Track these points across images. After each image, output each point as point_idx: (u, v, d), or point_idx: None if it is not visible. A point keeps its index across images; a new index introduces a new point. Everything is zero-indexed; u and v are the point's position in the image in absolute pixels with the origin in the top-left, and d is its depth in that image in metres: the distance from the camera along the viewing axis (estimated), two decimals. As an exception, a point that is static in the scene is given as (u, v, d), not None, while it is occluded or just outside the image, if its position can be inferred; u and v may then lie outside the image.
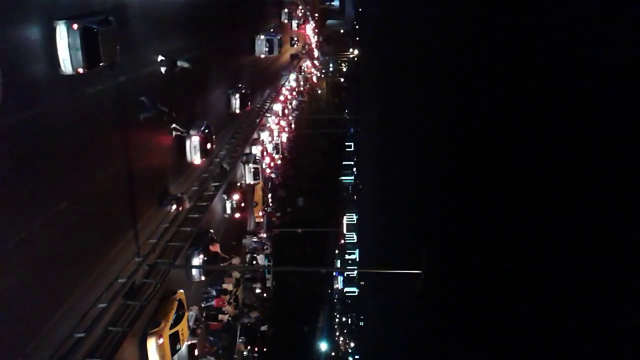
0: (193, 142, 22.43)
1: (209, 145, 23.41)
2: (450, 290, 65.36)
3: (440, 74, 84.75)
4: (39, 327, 13.24)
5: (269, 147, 46.02)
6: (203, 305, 26.24)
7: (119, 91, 16.89)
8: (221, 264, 24.97)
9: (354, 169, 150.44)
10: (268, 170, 46.47)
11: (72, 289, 14.69)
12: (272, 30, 42.30)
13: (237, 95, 31.33)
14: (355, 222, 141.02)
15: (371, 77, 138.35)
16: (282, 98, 53.55)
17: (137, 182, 18.35)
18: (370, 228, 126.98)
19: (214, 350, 27.07)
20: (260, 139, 42.09)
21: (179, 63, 20.75)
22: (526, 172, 55.00)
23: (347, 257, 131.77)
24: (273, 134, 48.14)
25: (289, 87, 60.98)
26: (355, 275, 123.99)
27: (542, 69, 54.62)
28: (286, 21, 56.45)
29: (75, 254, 14.98)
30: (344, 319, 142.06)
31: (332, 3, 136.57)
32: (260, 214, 40.11)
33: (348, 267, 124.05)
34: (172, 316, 19.08)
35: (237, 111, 31.54)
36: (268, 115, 45.04)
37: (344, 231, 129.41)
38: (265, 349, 41.58)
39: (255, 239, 36.77)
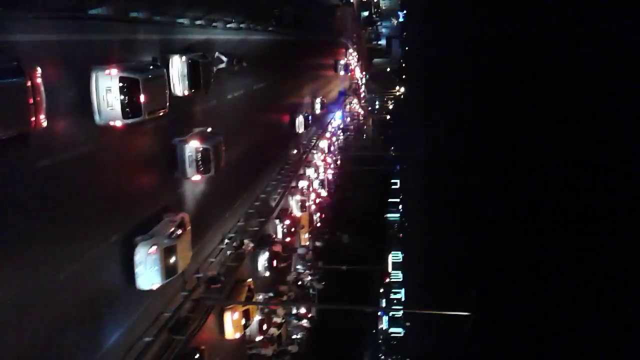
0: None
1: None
2: (501, 334, 62.49)
3: (484, 111, 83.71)
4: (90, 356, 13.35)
5: (315, 183, 46.24)
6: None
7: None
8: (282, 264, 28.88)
9: (400, 207, 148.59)
10: (313, 207, 46.55)
11: (119, 322, 14.76)
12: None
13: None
14: (401, 260, 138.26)
15: (417, 115, 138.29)
16: (328, 135, 54.04)
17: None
18: (416, 266, 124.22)
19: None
20: (306, 175, 42.40)
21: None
22: (583, 209, 52.89)
23: (392, 296, 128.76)
24: (319, 170, 48.43)
25: (335, 125, 61.58)
26: (400, 315, 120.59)
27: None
28: (342, 73, 65.89)
29: (121, 287, 15.21)
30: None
31: (379, 42, 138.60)
32: (307, 236, 40.53)
33: (393, 307, 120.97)
34: (244, 297, 23.11)
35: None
36: (314, 151, 45.49)
37: (390, 269, 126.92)
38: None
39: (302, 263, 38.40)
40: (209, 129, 19.33)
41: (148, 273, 14.91)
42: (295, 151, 37.77)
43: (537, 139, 62.48)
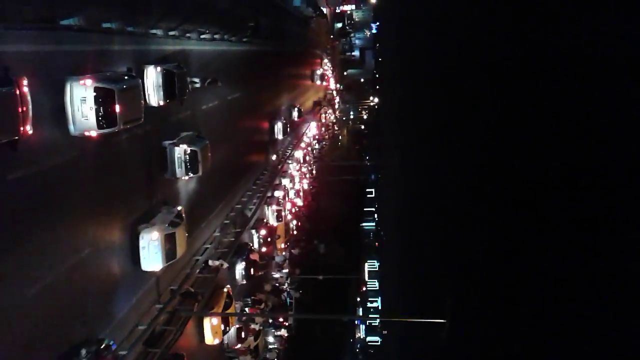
0: None
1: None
2: (477, 342, 63.20)
3: (460, 119, 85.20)
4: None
5: (291, 193, 46.28)
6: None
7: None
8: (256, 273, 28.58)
9: (375, 215, 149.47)
10: (289, 216, 46.58)
11: (95, 334, 14.71)
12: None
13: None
14: (377, 268, 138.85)
15: (391, 124, 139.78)
16: (303, 145, 54.21)
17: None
18: (392, 275, 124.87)
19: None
20: (282, 185, 42.41)
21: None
22: (560, 224, 54.08)
23: (369, 304, 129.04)
24: (294, 180, 48.50)
25: (310, 135, 61.83)
26: (377, 323, 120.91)
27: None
28: (318, 82, 68.55)
29: (96, 299, 15.02)
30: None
31: (353, 53, 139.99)
32: (283, 246, 40.69)
33: (370, 316, 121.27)
34: (222, 303, 23.36)
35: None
36: (289, 161, 45.57)
37: (366, 278, 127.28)
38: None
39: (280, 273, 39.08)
40: (196, 134, 20.62)
41: (151, 257, 16.77)
42: (274, 157, 39.41)
43: (515, 146, 63.74)
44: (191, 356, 20.58)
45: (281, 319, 37.89)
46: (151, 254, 16.75)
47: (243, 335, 27.01)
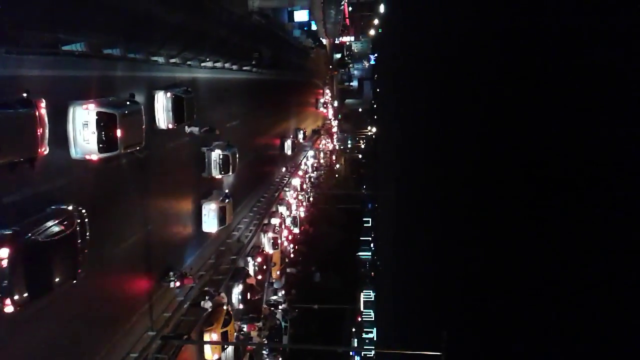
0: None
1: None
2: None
3: (456, 153, 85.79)
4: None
5: (287, 221, 46.25)
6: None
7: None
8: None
9: (372, 245, 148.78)
10: (286, 243, 46.49)
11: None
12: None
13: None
14: (372, 299, 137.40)
15: (389, 155, 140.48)
16: (300, 173, 54.43)
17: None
18: (388, 305, 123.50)
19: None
20: (279, 212, 42.43)
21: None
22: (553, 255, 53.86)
23: (364, 335, 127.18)
24: (291, 207, 48.51)
25: (307, 163, 62.13)
26: (372, 355, 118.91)
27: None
28: (322, 109, 76.74)
29: (86, 328, 14.80)
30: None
31: (351, 84, 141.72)
32: (278, 273, 40.76)
33: (365, 347, 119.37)
34: (222, 320, 24.57)
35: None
36: (287, 189, 45.65)
37: (362, 308, 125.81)
38: None
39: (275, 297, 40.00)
40: (226, 142, 25.38)
41: (210, 221, 23.66)
42: (284, 169, 46.49)
43: (513, 177, 63.94)
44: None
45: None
46: (210, 219, 23.62)
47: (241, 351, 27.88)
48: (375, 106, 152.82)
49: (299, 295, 51.81)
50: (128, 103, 15.36)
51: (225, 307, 25.45)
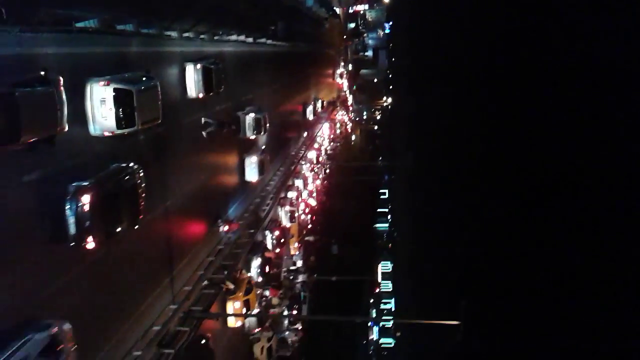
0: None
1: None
2: (491, 344, 62.60)
3: (473, 118, 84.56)
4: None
5: (304, 194, 46.32)
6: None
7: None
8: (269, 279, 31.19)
9: (389, 216, 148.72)
10: (303, 216, 46.69)
11: (109, 335, 14.91)
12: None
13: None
14: (390, 270, 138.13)
15: (405, 124, 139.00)
16: (316, 145, 54.30)
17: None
18: (406, 276, 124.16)
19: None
20: (295, 186, 42.49)
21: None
22: (574, 220, 53.33)
23: (382, 306, 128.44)
24: (307, 180, 48.55)
25: (322, 135, 61.94)
26: (391, 325, 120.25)
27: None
28: (339, 80, 79.81)
29: (111, 301, 15.12)
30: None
31: (366, 53, 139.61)
32: (296, 245, 41.20)
33: (383, 317, 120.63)
34: (244, 288, 25.68)
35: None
36: (303, 162, 45.62)
37: (379, 280, 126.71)
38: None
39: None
40: (258, 107, 28.41)
41: (252, 171, 28.58)
42: (305, 133, 50.66)
43: (531, 145, 63.02)
44: (215, 337, 23.78)
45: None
46: (251, 170, 28.44)
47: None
48: (390, 76, 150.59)
49: (318, 267, 52.26)
50: (144, 79, 15.31)
51: (247, 277, 26.44)
